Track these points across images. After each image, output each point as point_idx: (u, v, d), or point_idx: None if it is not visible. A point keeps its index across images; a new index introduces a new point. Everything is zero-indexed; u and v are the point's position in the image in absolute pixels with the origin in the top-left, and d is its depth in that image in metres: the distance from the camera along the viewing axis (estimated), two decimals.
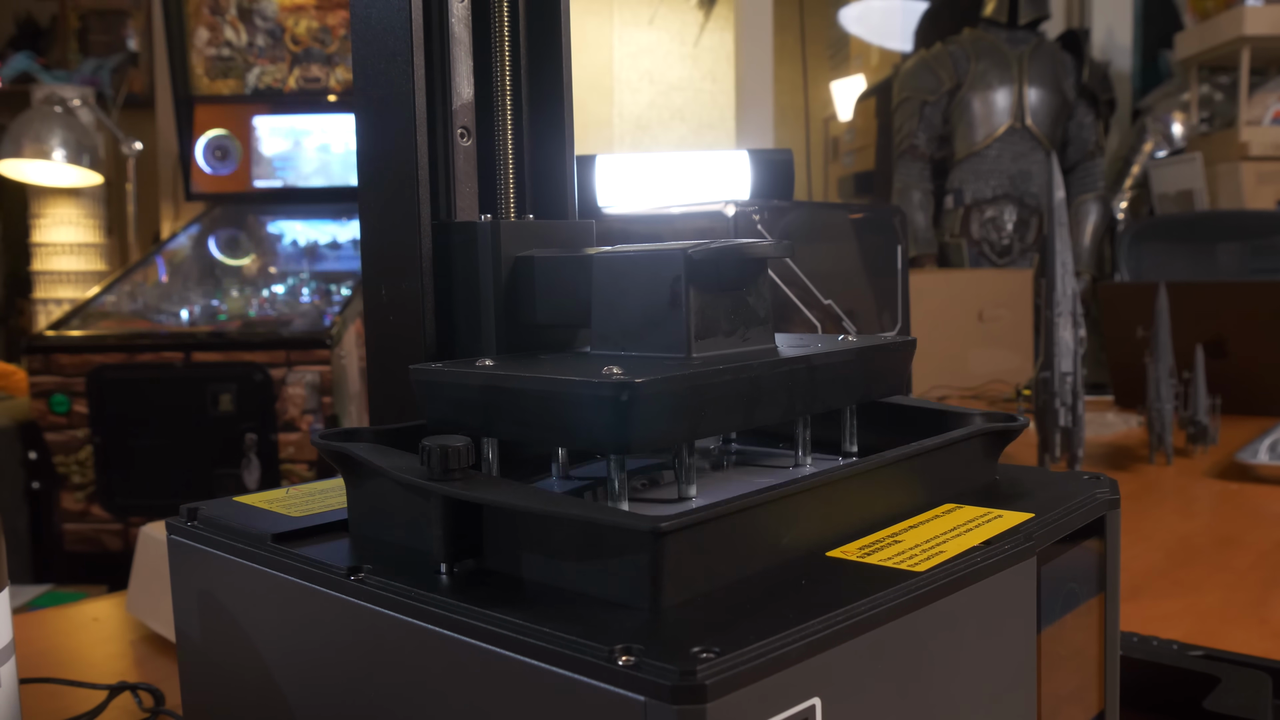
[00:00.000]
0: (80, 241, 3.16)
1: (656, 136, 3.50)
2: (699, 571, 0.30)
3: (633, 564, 0.29)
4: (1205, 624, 0.70)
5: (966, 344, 2.13)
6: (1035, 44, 3.16)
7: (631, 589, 0.29)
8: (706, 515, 0.30)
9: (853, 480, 0.36)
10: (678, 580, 0.29)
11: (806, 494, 0.34)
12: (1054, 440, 1.08)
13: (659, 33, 3.47)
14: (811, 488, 0.34)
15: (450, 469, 0.33)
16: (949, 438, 0.39)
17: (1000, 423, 0.42)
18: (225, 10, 2.93)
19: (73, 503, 2.33)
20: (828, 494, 0.35)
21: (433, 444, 0.33)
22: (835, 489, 0.35)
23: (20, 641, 0.73)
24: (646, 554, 0.29)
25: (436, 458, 0.33)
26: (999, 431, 0.42)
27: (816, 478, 0.34)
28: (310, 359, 2.27)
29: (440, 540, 0.33)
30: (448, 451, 0.33)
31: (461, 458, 0.33)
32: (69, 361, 2.27)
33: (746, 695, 0.25)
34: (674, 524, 0.29)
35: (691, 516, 0.30)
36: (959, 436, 0.40)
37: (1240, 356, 1.52)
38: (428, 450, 0.33)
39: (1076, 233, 3.21)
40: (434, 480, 0.33)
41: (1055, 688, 0.37)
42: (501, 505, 0.32)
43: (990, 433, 0.42)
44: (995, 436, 0.42)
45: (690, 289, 0.37)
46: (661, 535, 0.29)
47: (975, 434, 0.41)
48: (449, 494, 0.33)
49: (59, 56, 3.59)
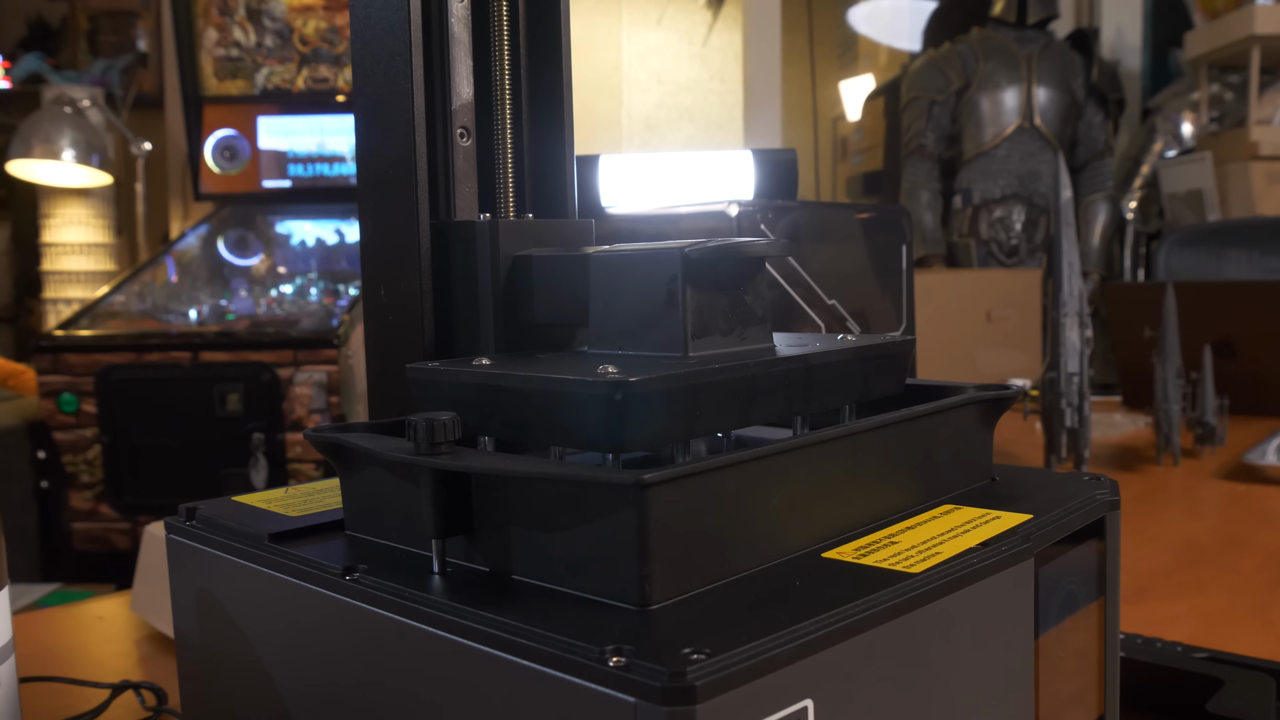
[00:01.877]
0: (90, 241, 3.17)
1: (665, 136, 3.50)
2: (686, 532, 0.30)
3: (619, 523, 0.29)
4: (1211, 626, 0.70)
5: (974, 344, 2.13)
6: (1044, 43, 3.15)
7: (619, 547, 0.29)
8: (692, 469, 0.30)
9: (844, 441, 0.35)
10: (664, 539, 0.29)
11: (796, 452, 0.33)
12: (1060, 441, 1.08)
13: (667, 33, 3.47)
14: (800, 446, 0.33)
15: (436, 442, 0.33)
16: (942, 404, 0.39)
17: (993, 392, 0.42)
18: (234, 11, 2.94)
19: (81, 502, 2.33)
20: (818, 453, 0.34)
21: (419, 419, 0.33)
22: (826, 449, 0.35)
23: (25, 640, 0.74)
24: (632, 509, 0.29)
25: (423, 431, 0.33)
26: (992, 400, 0.42)
27: (807, 437, 0.34)
28: (318, 359, 2.27)
29: (430, 516, 0.33)
30: (433, 425, 0.33)
31: (447, 431, 0.33)
32: (78, 361, 2.28)
33: (737, 697, 0.25)
34: (658, 476, 0.29)
35: (676, 470, 0.29)
36: (951, 403, 0.40)
37: (1249, 357, 1.51)
38: (414, 425, 0.34)
39: (1085, 232, 3.19)
40: (421, 455, 0.33)
41: (1054, 690, 0.37)
42: (488, 472, 0.32)
43: (983, 401, 0.42)
44: (989, 405, 0.42)
45: (687, 288, 0.36)
46: (646, 487, 0.28)
47: (968, 401, 0.41)
48: (436, 466, 0.33)
49: (69, 57, 3.61)
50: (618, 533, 0.29)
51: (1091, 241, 3.19)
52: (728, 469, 0.31)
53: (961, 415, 0.41)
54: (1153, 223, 3.39)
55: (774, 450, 0.33)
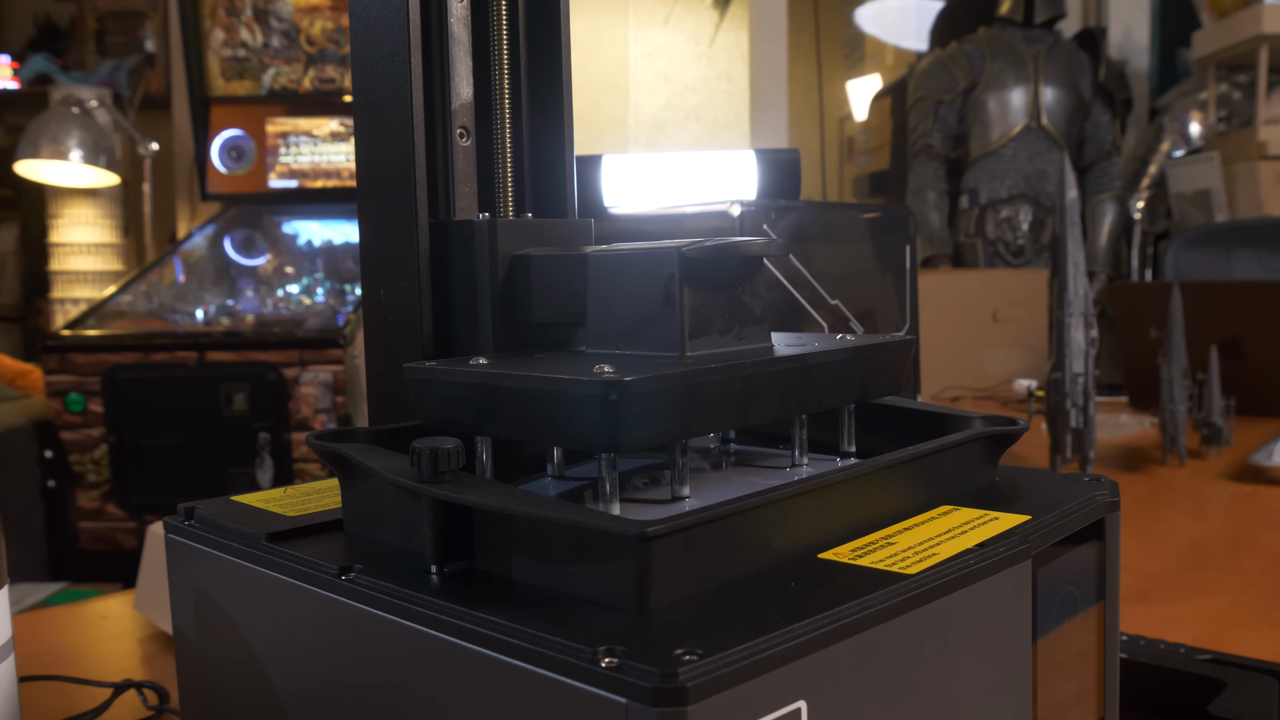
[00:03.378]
0: (97, 241, 3.18)
1: (672, 136, 3.50)
2: (686, 575, 0.30)
3: (619, 568, 0.29)
4: (1215, 627, 0.70)
5: (981, 344, 2.12)
6: (1051, 43, 3.14)
7: (618, 592, 0.29)
8: (694, 520, 0.30)
9: (846, 485, 0.35)
10: (664, 584, 0.29)
11: (798, 499, 0.33)
12: (1065, 442, 1.07)
13: (674, 33, 3.47)
14: (803, 493, 0.33)
15: (440, 471, 0.33)
16: (946, 441, 0.39)
17: (1000, 426, 0.42)
18: (241, 11, 2.95)
19: (88, 501, 2.34)
20: (820, 498, 0.34)
21: (423, 446, 0.33)
22: (828, 494, 0.35)
23: (29, 639, 0.74)
24: (633, 558, 0.29)
25: (426, 460, 0.33)
26: (998, 435, 0.42)
27: (809, 482, 0.34)
28: (323, 359, 2.27)
29: (431, 542, 0.33)
30: (437, 454, 0.33)
31: (451, 460, 0.33)
32: (84, 361, 2.29)
33: (729, 698, 0.25)
34: (660, 529, 0.29)
35: (678, 521, 0.29)
36: (957, 440, 0.40)
37: (1256, 358, 1.50)
38: (418, 452, 0.33)
39: (1093, 233, 3.18)
40: (424, 482, 0.33)
41: (1053, 693, 0.37)
42: (490, 509, 0.32)
43: (989, 436, 0.41)
44: (995, 440, 0.42)
45: (684, 287, 0.36)
46: (648, 540, 0.28)
47: (974, 438, 0.41)
48: (438, 496, 0.33)
49: (77, 58, 3.62)
50: (620, 580, 0.29)
51: (1099, 242, 3.18)
52: (730, 518, 0.31)
53: (967, 450, 0.41)
54: (1160, 223, 3.37)
55: (780, 496, 0.32)
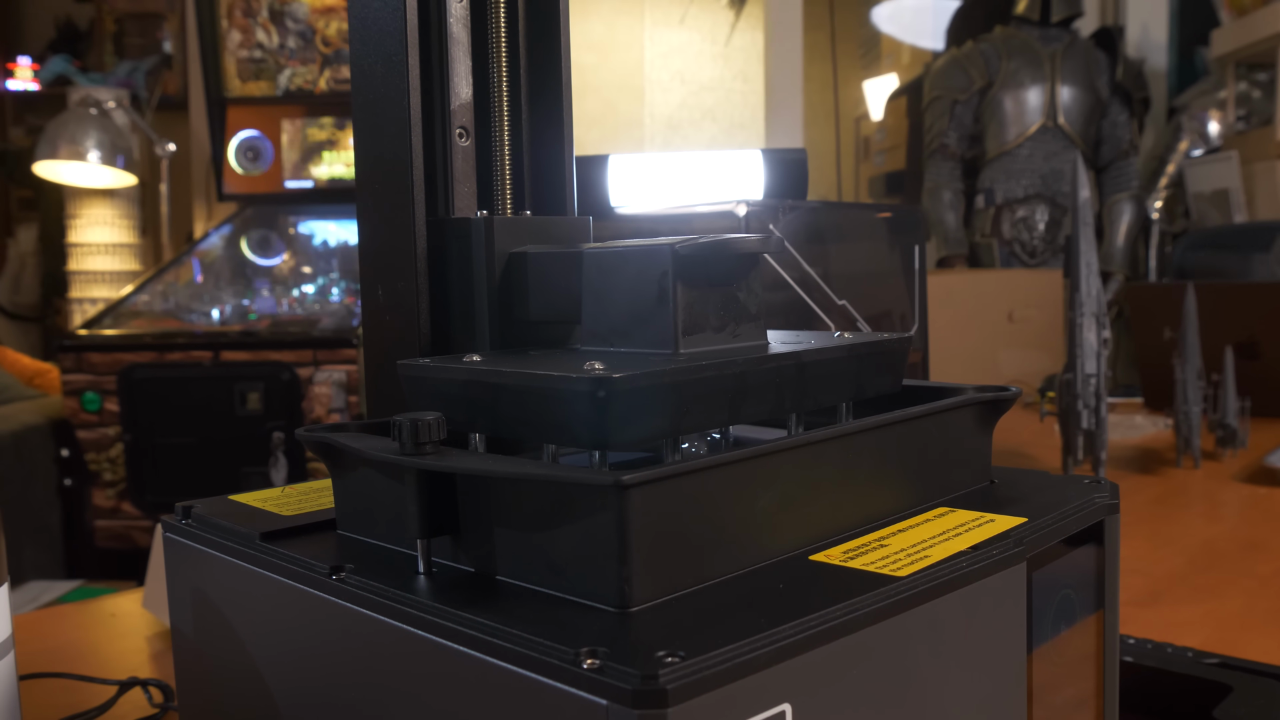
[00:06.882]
0: (115, 242, 3.20)
1: (687, 136, 3.49)
2: (667, 533, 0.30)
3: (599, 522, 0.29)
4: (1225, 631, 0.69)
5: (996, 345, 2.11)
6: (1068, 42, 3.12)
7: (599, 548, 0.29)
8: (674, 470, 0.29)
9: (835, 443, 0.35)
10: (644, 541, 0.29)
11: (785, 454, 0.33)
12: (1077, 443, 1.07)
13: (690, 32, 3.47)
14: (790, 448, 0.33)
15: (422, 442, 0.33)
16: (938, 405, 0.39)
17: (992, 394, 0.41)
18: (257, 13, 2.96)
19: (104, 499, 2.36)
20: (808, 455, 0.34)
21: (404, 419, 0.33)
22: (817, 450, 0.34)
23: (36, 636, 0.74)
24: (611, 510, 0.28)
25: (408, 431, 0.33)
26: (990, 401, 0.41)
27: (796, 439, 0.33)
28: (337, 358, 2.28)
29: (415, 516, 0.33)
30: (418, 425, 0.33)
31: (432, 431, 0.33)
32: (100, 360, 2.30)
33: (711, 700, 0.25)
34: (638, 477, 0.28)
35: (657, 471, 0.29)
36: (948, 405, 0.39)
37: (1272, 358, 1.49)
38: (399, 425, 0.33)
39: (1110, 233, 3.16)
40: (407, 455, 0.33)
41: (1049, 698, 0.36)
42: (470, 472, 0.32)
43: (981, 403, 0.41)
44: (987, 407, 0.41)
45: (678, 284, 0.36)
46: (625, 488, 0.28)
47: (965, 403, 0.40)
48: (421, 466, 0.33)
49: (95, 59, 3.65)
50: (598, 534, 0.29)
51: (1116, 242, 3.15)
52: (711, 470, 0.31)
53: (958, 417, 0.40)
54: (1178, 223, 3.35)
55: (761, 451, 0.32)
